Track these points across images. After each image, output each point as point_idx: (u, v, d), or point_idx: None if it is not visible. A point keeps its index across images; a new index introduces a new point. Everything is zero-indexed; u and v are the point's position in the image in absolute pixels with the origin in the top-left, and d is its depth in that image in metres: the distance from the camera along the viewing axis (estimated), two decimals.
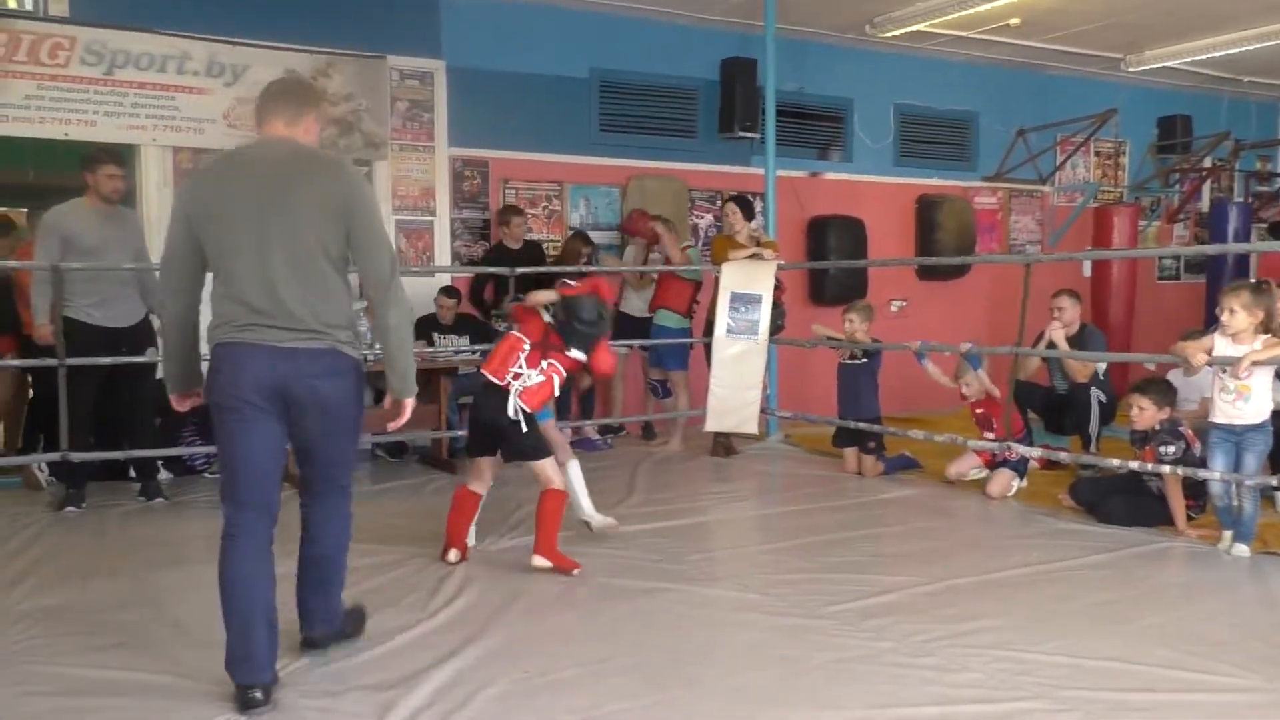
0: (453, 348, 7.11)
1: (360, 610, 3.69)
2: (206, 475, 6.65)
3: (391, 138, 7.66)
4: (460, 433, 6.88)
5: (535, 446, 4.53)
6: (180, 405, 3.43)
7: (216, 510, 5.68)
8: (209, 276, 3.25)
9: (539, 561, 4.41)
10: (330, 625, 3.50)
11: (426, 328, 7.42)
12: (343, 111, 7.45)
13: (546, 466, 4.53)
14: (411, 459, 7.36)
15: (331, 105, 7.42)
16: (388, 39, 7.59)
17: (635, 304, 7.91)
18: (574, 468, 5.00)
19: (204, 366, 3.34)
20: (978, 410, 6.33)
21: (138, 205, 6.96)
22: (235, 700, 3.04)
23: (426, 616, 3.87)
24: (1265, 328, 4.74)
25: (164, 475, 6.51)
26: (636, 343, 7.81)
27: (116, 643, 3.60)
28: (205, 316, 3.30)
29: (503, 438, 4.53)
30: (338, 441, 3.35)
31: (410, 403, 3.43)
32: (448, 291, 7.42)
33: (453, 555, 4.58)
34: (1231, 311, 4.77)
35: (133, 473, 6.12)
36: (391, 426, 3.52)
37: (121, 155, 6.01)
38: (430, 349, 7.14)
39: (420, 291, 7.62)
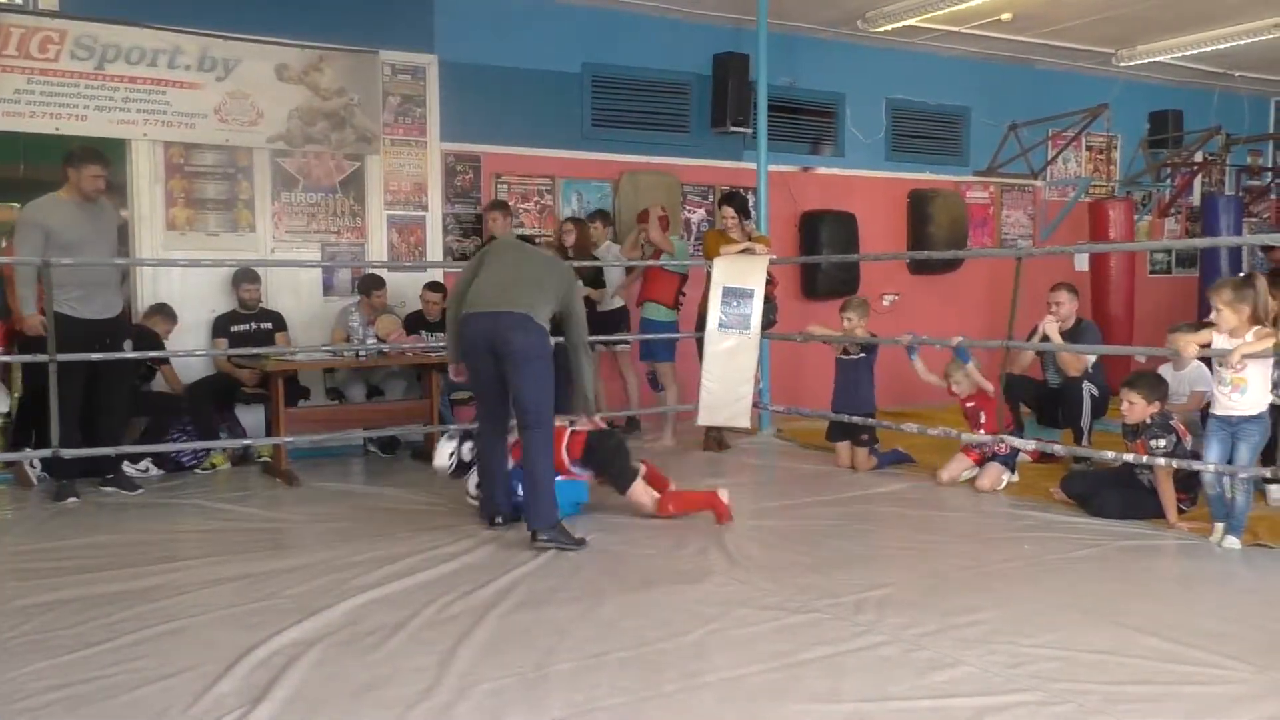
0: (442, 343, 7.07)
1: (582, 540, 4.77)
2: (198, 471, 6.64)
3: (384, 132, 7.64)
4: (451, 428, 6.88)
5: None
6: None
7: (208, 506, 5.72)
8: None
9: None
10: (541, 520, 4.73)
11: (415, 323, 7.41)
12: (335, 106, 7.44)
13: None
14: (404, 454, 7.35)
15: (323, 100, 7.41)
16: (380, 33, 7.57)
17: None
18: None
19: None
20: (967, 405, 6.35)
21: (128, 200, 6.95)
22: (484, 517, 5.09)
23: (419, 610, 3.86)
24: (1257, 319, 4.76)
25: (154, 472, 6.51)
26: (632, 337, 7.82)
27: (108, 639, 3.59)
28: None
29: None
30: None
31: (594, 415, 5.46)
32: (433, 287, 7.41)
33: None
34: (1218, 310, 4.83)
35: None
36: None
37: (105, 155, 6.01)
38: (422, 344, 7.12)
39: (411, 288, 7.64)
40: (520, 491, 5.10)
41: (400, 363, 7.15)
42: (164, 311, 6.80)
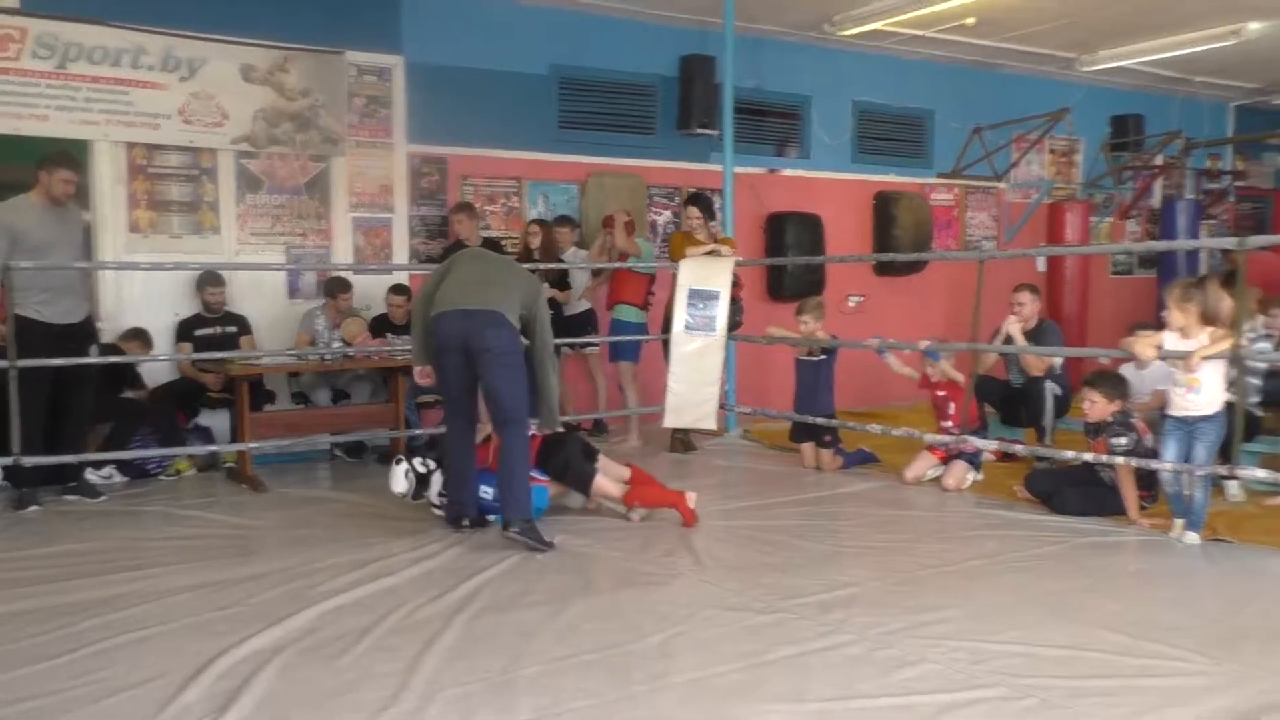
0: (408, 346, 7.04)
1: (549, 543, 4.81)
2: (162, 478, 6.57)
3: (349, 134, 7.60)
4: (417, 431, 6.87)
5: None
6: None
7: (172, 513, 5.67)
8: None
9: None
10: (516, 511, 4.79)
11: (382, 326, 7.38)
12: (300, 107, 7.39)
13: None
14: (370, 458, 7.32)
15: (289, 101, 7.36)
16: (346, 34, 7.53)
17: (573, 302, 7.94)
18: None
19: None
20: (938, 393, 6.39)
21: (90, 202, 6.86)
22: (450, 522, 5.11)
23: (385, 616, 3.85)
24: (1208, 320, 4.85)
25: (118, 479, 6.44)
26: (599, 339, 7.83)
27: (71, 649, 3.54)
28: None
29: None
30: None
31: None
32: (397, 289, 7.38)
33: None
34: (1169, 310, 4.96)
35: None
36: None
37: (79, 160, 5.95)
38: (388, 347, 7.09)
39: (376, 291, 7.60)
40: (486, 494, 5.14)
41: (366, 366, 7.11)
42: (141, 337, 6.72)
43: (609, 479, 5.38)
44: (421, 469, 5.36)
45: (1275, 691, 3.10)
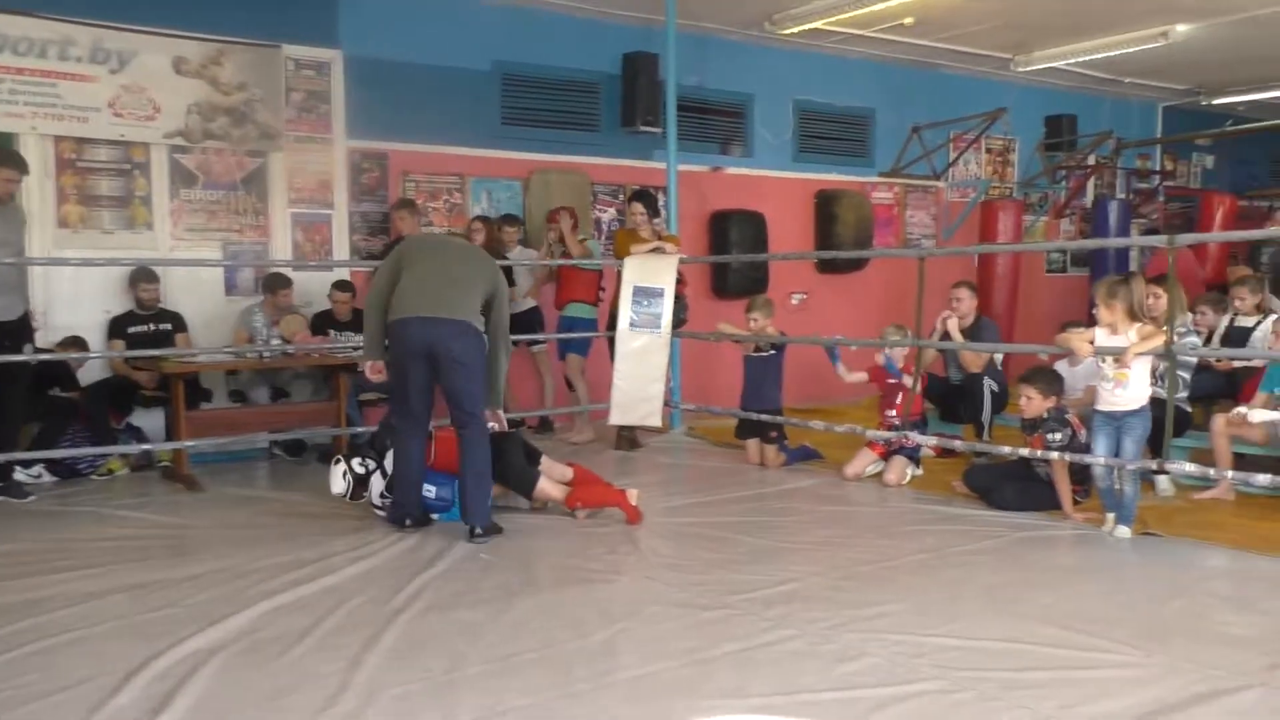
0: (351, 344, 6.98)
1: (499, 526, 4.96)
2: (94, 477, 6.43)
3: (286, 129, 7.49)
4: (360, 429, 6.79)
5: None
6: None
7: (104, 513, 5.54)
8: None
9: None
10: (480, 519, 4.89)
11: (323, 324, 7.28)
12: (235, 102, 7.26)
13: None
14: (311, 457, 7.22)
15: (224, 95, 7.23)
16: (283, 27, 7.41)
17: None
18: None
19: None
20: (889, 381, 6.44)
21: (16, 196, 6.66)
22: (393, 522, 5.06)
23: (325, 616, 3.80)
24: (1134, 316, 4.96)
25: (47, 478, 6.29)
26: (551, 336, 7.81)
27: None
28: None
29: None
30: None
31: (501, 412, 5.33)
32: (341, 286, 7.30)
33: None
34: (1096, 306, 5.08)
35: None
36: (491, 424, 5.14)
37: (24, 163, 5.82)
38: (328, 344, 7.00)
39: (316, 287, 7.50)
40: (429, 492, 5.10)
41: (306, 364, 7.01)
42: (78, 343, 6.55)
43: (551, 481, 5.37)
44: (360, 469, 5.29)
45: (1204, 683, 3.17)
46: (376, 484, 5.24)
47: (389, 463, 5.21)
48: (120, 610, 3.90)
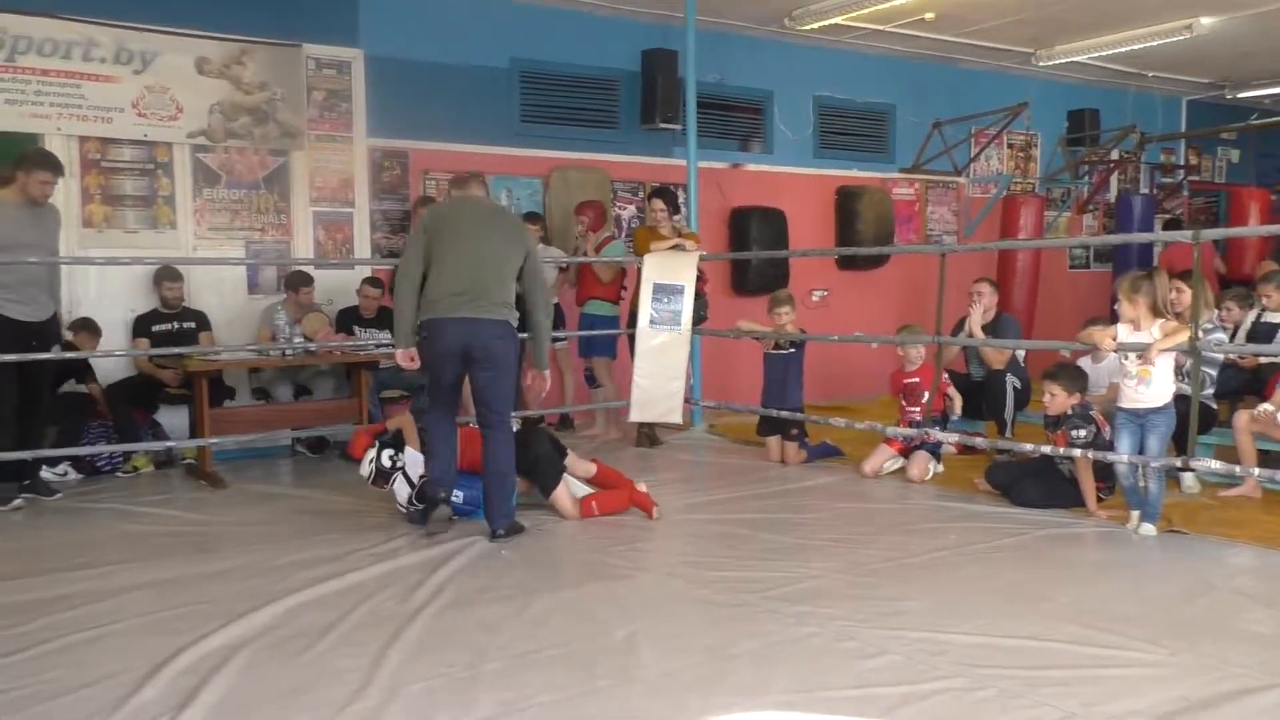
0: (374, 341, 7.01)
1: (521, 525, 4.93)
2: (118, 475, 6.48)
3: (308, 128, 7.53)
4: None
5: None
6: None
7: (129, 510, 5.58)
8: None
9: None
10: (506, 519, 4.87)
11: (348, 320, 7.32)
12: (257, 101, 7.31)
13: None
14: (333, 454, 7.26)
15: (246, 94, 7.27)
16: (304, 27, 7.45)
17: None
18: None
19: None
20: (909, 380, 6.42)
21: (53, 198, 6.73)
22: (428, 500, 4.95)
23: (348, 612, 3.82)
24: (1158, 312, 4.92)
25: (72, 476, 6.34)
26: (571, 334, 7.82)
27: (23, 648, 3.49)
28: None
29: None
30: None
31: (547, 373, 5.29)
32: (373, 282, 7.33)
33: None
34: (1118, 301, 5.04)
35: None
36: (529, 382, 5.36)
37: (60, 165, 5.83)
38: (350, 342, 7.04)
39: (338, 285, 7.54)
40: (457, 497, 5.11)
41: (328, 361, 7.05)
42: (89, 328, 6.60)
43: (575, 476, 5.39)
44: (385, 463, 5.28)
45: (1229, 681, 3.14)
46: (402, 489, 5.22)
47: (413, 467, 5.21)
48: (145, 606, 3.93)
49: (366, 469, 5.31)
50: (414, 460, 5.22)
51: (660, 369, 7.15)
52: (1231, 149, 13.21)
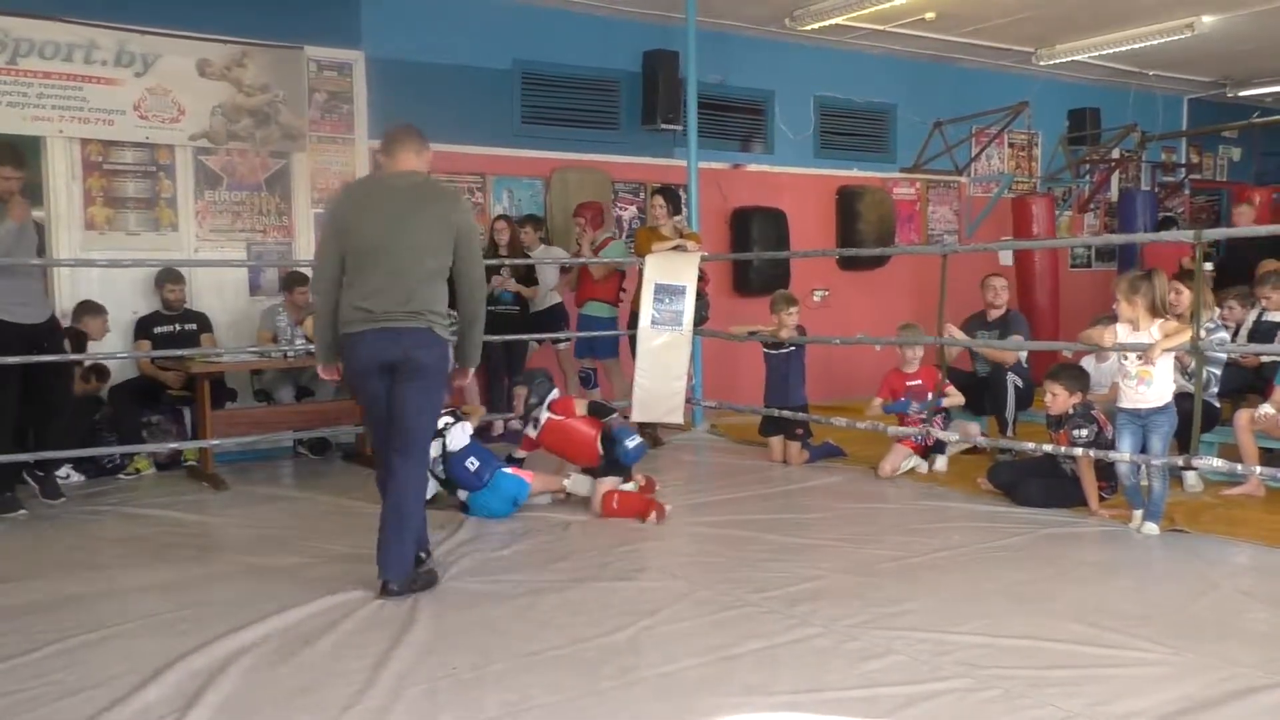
0: None
1: (433, 573, 4.24)
2: (120, 477, 6.48)
3: (309, 129, 7.53)
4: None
5: None
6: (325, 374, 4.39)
7: (132, 512, 5.58)
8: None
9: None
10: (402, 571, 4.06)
11: None
12: (259, 103, 7.31)
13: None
14: (335, 456, 7.26)
15: (247, 96, 7.28)
16: (305, 29, 7.45)
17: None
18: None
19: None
20: (911, 384, 6.41)
21: (44, 198, 6.74)
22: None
23: (351, 613, 3.82)
24: (1156, 312, 4.92)
25: (75, 478, 6.34)
26: (572, 335, 7.82)
27: (28, 650, 3.49)
28: None
29: None
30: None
31: (473, 370, 4.49)
32: None
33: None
34: (1117, 302, 5.05)
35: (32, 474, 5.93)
36: (457, 384, 4.47)
37: (23, 155, 5.77)
38: None
39: None
40: (470, 466, 5.20)
41: None
42: (90, 309, 6.53)
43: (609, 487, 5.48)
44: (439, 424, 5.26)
45: (1233, 680, 3.14)
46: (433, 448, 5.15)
47: (454, 440, 5.25)
48: (148, 608, 3.93)
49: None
50: (458, 433, 5.30)
51: (662, 369, 7.16)
52: (1233, 147, 13.20)
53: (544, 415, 5.70)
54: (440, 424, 5.23)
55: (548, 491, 5.57)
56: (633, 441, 5.56)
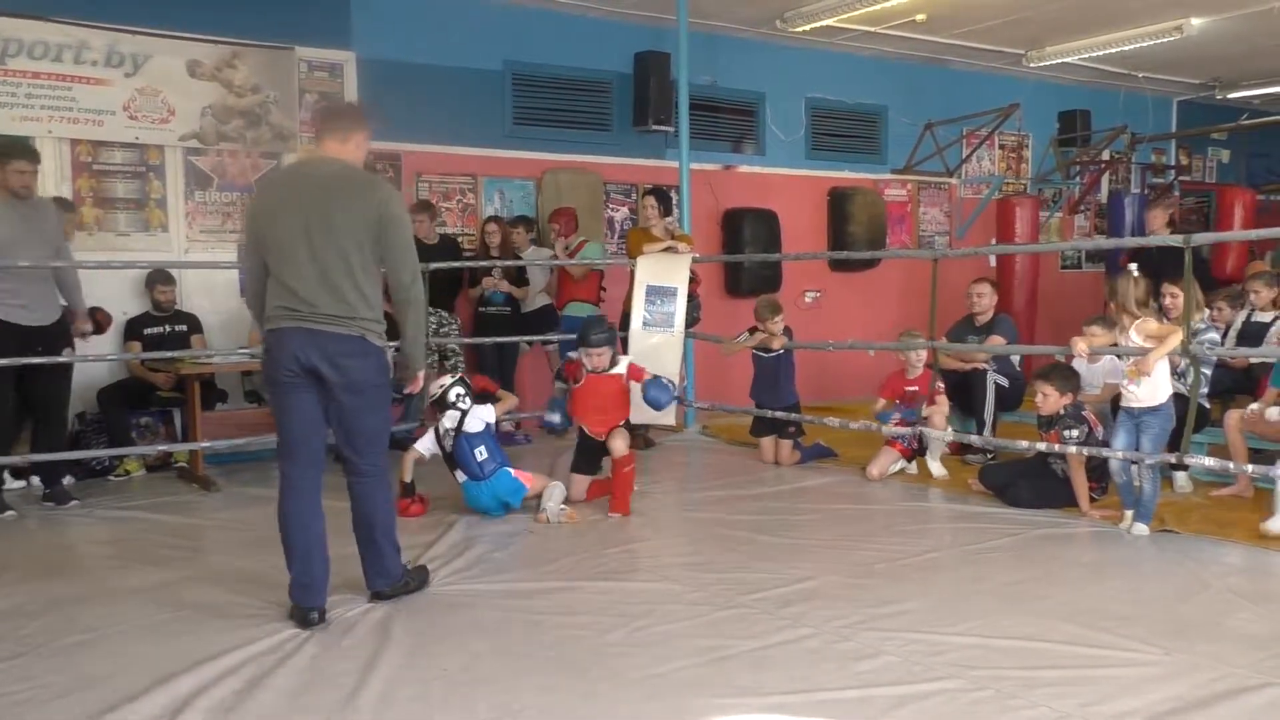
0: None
1: (424, 569, 4.18)
2: (110, 478, 6.46)
3: (301, 130, 7.50)
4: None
5: None
6: None
7: (121, 515, 5.55)
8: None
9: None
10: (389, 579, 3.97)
11: None
12: (250, 103, 7.29)
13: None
14: (325, 457, 7.21)
15: (238, 97, 7.25)
16: (296, 29, 7.43)
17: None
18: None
19: None
20: (909, 389, 6.42)
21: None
22: (295, 619, 3.71)
23: (341, 615, 3.81)
24: (1129, 313, 4.96)
25: (65, 479, 6.31)
26: (565, 336, 7.80)
27: (18, 653, 3.47)
28: None
29: None
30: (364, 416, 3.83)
31: (422, 374, 4.10)
32: None
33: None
34: (1106, 303, 5.06)
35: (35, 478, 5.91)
36: (408, 390, 4.15)
37: (34, 151, 5.76)
38: None
39: None
40: (480, 454, 5.23)
41: None
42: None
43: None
44: (451, 397, 5.36)
45: (1223, 681, 3.15)
46: (428, 438, 5.35)
47: (472, 421, 5.28)
48: (139, 611, 3.92)
49: (436, 390, 5.37)
50: (479, 416, 5.33)
51: (654, 371, 7.13)
52: (1222, 149, 13.26)
53: (605, 361, 5.68)
54: (465, 401, 5.27)
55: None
56: (666, 396, 5.67)
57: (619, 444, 5.52)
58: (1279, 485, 4.87)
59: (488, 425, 5.37)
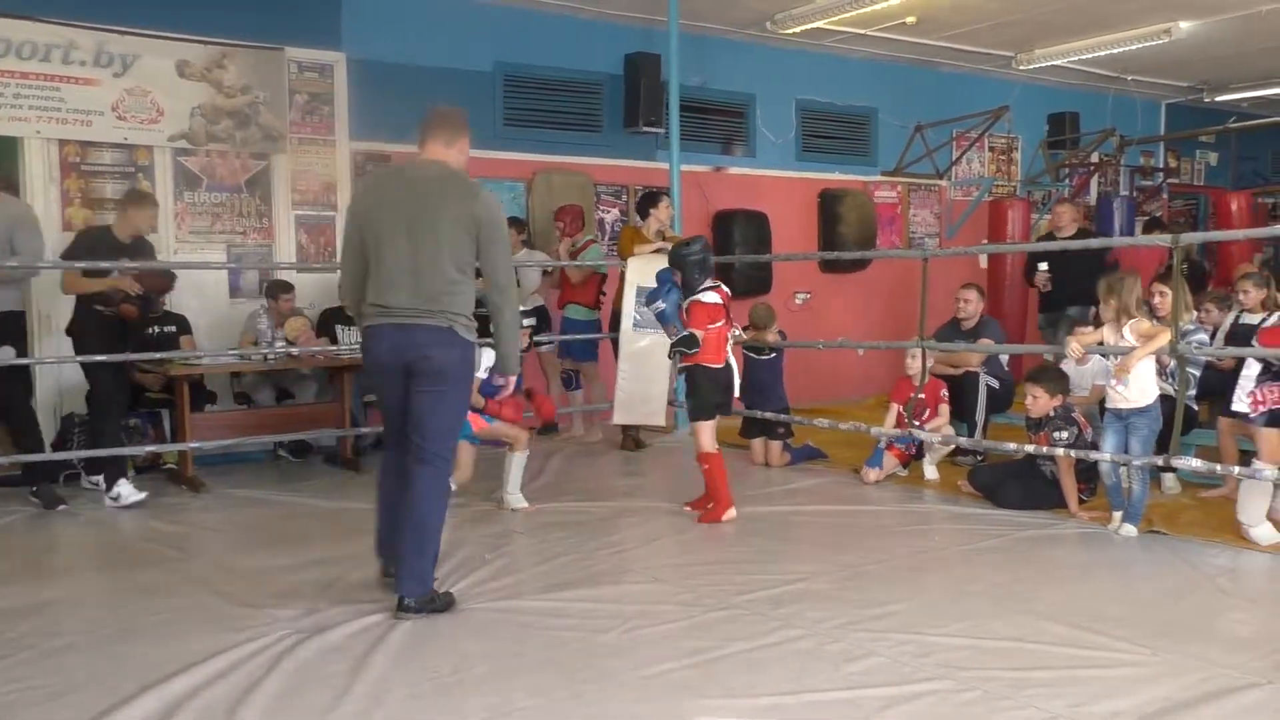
0: (356, 343, 6.98)
1: (450, 595, 4.02)
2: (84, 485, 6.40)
3: (290, 131, 7.49)
4: (365, 430, 6.80)
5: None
6: None
7: (110, 516, 5.53)
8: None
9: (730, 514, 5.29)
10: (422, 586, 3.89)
11: (331, 321, 7.29)
12: (239, 104, 7.27)
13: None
14: (316, 459, 7.22)
15: (227, 97, 7.23)
16: (286, 30, 7.41)
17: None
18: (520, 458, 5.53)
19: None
20: (917, 396, 6.40)
21: (21, 200, 6.66)
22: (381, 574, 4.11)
23: (332, 616, 3.80)
24: (1127, 313, 4.98)
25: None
26: (555, 338, 7.81)
27: (3, 655, 3.46)
28: None
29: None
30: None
31: (513, 379, 4.39)
32: None
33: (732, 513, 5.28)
34: (1098, 304, 5.14)
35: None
36: (501, 391, 4.55)
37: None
38: (334, 346, 7.01)
39: (321, 287, 7.50)
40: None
41: (311, 365, 7.02)
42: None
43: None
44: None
45: (1211, 681, 3.17)
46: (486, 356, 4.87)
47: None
48: (127, 612, 3.91)
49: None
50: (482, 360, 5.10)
51: (644, 372, 7.15)
52: (1210, 152, 13.32)
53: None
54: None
55: (495, 437, 5.55)
56: (668, 302, 5.40)
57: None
58: (1244, 486, 4.88)
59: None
